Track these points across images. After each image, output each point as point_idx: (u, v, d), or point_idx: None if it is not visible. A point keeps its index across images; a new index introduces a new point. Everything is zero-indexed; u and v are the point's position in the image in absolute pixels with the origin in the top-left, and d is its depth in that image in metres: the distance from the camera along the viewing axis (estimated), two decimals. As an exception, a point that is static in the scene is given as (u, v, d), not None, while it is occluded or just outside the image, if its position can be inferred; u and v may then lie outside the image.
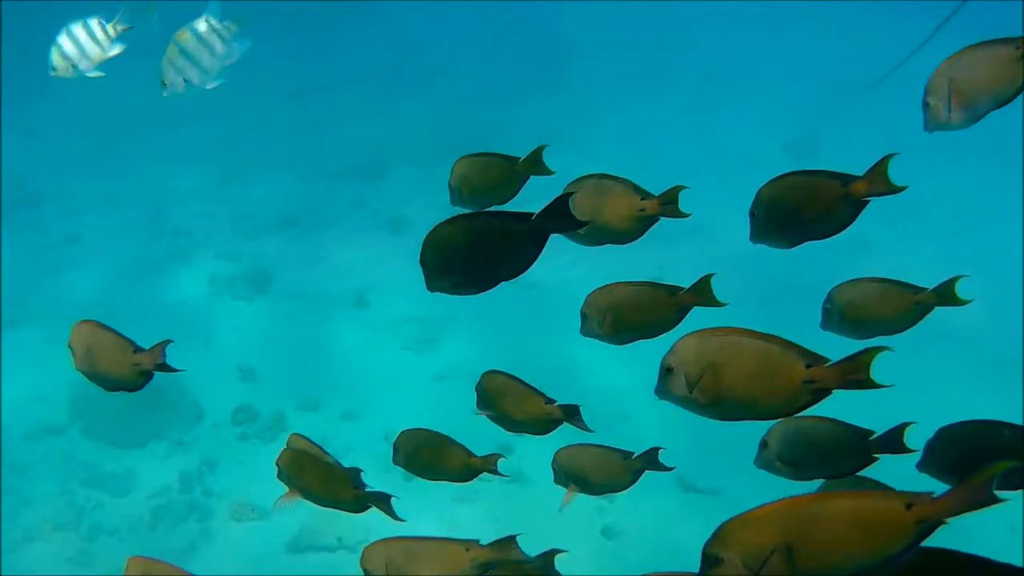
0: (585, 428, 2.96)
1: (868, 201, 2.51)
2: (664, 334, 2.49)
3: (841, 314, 2.85)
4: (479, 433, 3.22)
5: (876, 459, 2.60)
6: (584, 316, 2.73)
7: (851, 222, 2.54)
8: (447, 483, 3.14)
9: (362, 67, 14.36)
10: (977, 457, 2.38)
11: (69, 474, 7.05)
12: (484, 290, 2.51)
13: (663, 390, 2.25)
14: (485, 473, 3.04)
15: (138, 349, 2.81)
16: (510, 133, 12.07)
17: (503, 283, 2.49)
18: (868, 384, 2.14)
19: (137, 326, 8.60)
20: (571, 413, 2.95)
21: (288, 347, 8.26)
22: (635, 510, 6.35)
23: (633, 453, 2.96)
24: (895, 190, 2.47)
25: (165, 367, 2.82)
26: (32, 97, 12.77)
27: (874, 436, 2.61)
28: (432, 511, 6.38)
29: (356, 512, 3.01)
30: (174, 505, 6.75)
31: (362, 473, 3.01)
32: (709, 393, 2.19)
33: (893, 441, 2.59)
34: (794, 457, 2.66)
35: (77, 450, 7.22)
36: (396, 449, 3.09)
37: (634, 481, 2.98)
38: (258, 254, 9.58)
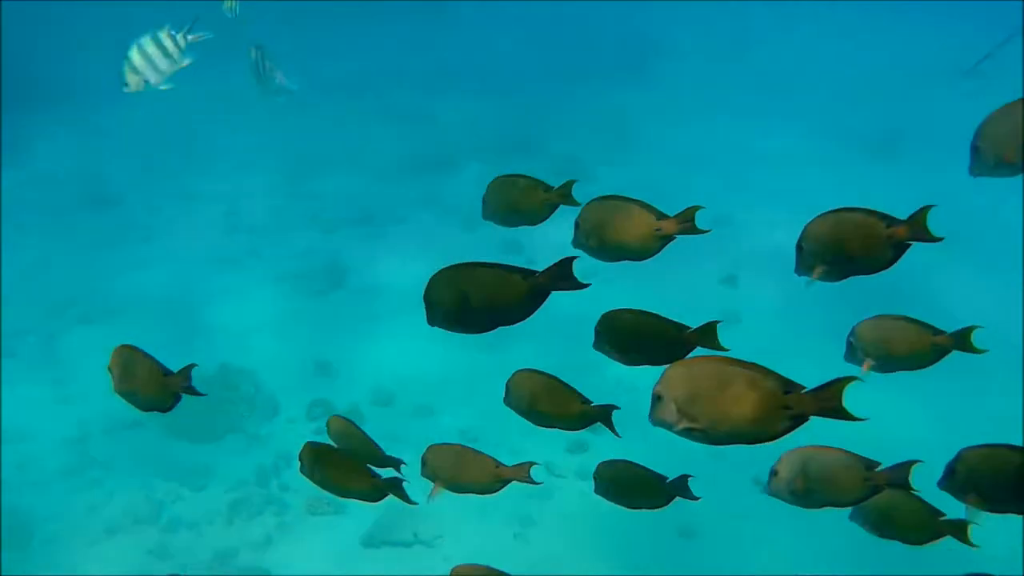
0: (614, 432, 3.04)
1: (910, 244, 2.56)
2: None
3: (864, 349, 2.95)
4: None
5: (882, 490, 2.70)
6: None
7: (894, 262, 2.60)
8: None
9: (436, 63, 14.39)
10: (996, 479, 2.63)
11: (149, 468, 7.16)
12: (482, 332, 2.65)
13: (654, 416, 2.36)
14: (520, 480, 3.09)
15: (168, 372, 2.92)
16: (578, 130, 12.06)
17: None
18: (841, 413, 2.26)
19: (211, 322, 8.73)
20: (606, 415, 3.00)
21: (362, 342, 8.30)
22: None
23: (666, 478, 3.09)
24: (933, 239, 2.53)
25: (191, 390, 2.93)
26: (109, 96, 12.97)
27: (880, 468, 2.70)
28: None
29: (373, 501, 3.14)
30: (251, 499, 6.82)
31: (402, 465, 3.20)
32: (696, 420, 2.32)
33: (899, 478, 2.69)
34: (803, 486, 2.75)
35: (156, 444, 7.32)
36: (424, 463, 3.13)
37: (667, 503, 3.12)
38: (332, 249, 9.63)
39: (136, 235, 10.39)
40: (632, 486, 3.16)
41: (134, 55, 4.68)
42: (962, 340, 2.86)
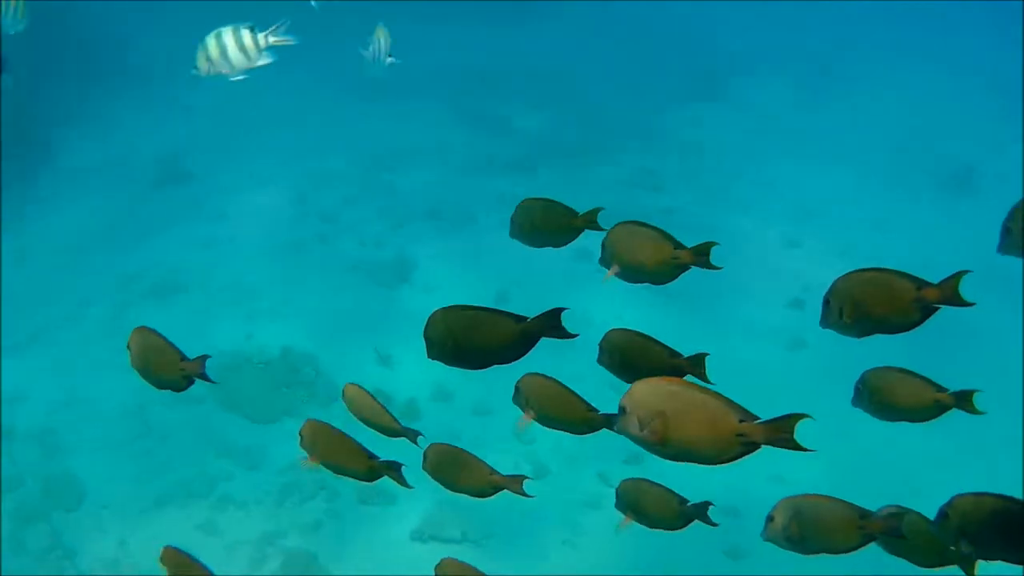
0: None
1: (938, 308, 2.62)
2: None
3: (870, 396, 3.02)
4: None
5: (875, 538, 2.79)
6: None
7: (920, 323, 2.67)
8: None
9: (516, 64, 14.36)
10: (989, 526, 2.65)
11: (204, 444, 7.18)
12: (477, 369, 2.90)
13: (618, 426, 2.53)
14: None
15: (184, 358, 3.12)
16: (653, 138, 11.97)
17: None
18: (792, 445, 2.39)
19: (276, 305, 8.74)
20: (611, 422, 3.05)
21: (425, 338, 8.26)
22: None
23: (688, 501, 3.19)
24: (964, 304, 2.58)
25: (204, 377, 3.14)
26: (190, 77, 13.10)
27: (873, 516, 2.78)
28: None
29: (368, 481, 3.23)
30: (303, 483, 6.80)
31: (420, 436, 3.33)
32: (656, 434, 2.46)
33: (892, 527, 2.77)
34: (797, 533, 2.81)
35: (214, 421, 7.34)
36: (425, 457, 3.26)
37: (685, 525, 3.24)
38: (400, 243, 9.61)
39: (208, 214, 10.45)
40: (651, 505, 3.27)
41: (211, 43, 4.67)
42: (963, 400, 2.89)
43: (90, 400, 7.58)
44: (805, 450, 2.38)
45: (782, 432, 2.37)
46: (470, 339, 2.84)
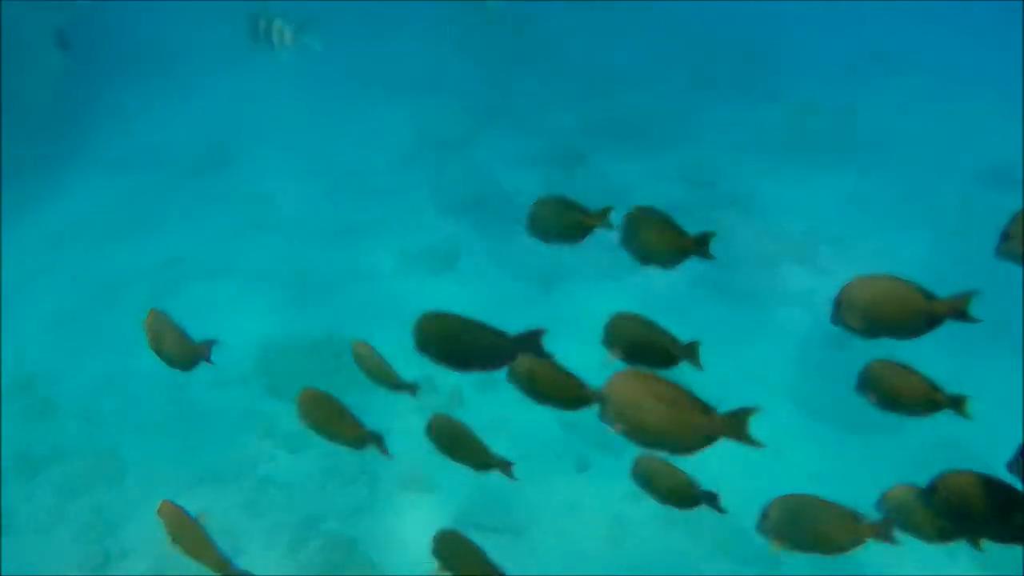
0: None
1: (944, 321, 2.78)
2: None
3: (871, 387, 3.04)
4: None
5: (865, 542, 2.90)
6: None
7: (926, 333, 2.82)
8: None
9: (564, 59, 14.27)
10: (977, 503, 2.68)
11: (248, 425, 7.18)
12: (461, 372, 3.21)
13: (600, 415, 2.79)
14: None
15: (190, 341, 3.55)
16: (700, 136, 11.84)
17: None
18: (745, 439, 2.65)
19: (322, 289, 8.71)
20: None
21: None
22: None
23: (698, 485, 3.34)
24: (972, 320, 2.74)
25: (208, 360, 3.57)
26: (234, 63, 13.13)
27: (865, 521, 2.89)
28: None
29: (356, 448, 3.62)
30: (345, 467, 6.79)
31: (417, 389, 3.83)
32: (627, 423, 2.73)
33: (884, 532, 2.88)
34: (790, 531, 2.96)
35: (258, 403, 7.34)
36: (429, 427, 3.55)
37: (693, 506, 3.38)
38: (451, 232, 9.55)
39: (257, 198, 10.45)
40: (664, 483, 3.39)
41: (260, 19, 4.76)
42: (957, 404, 2.91)
43: (133, 378, 7.62)
44: (756, 445, 2.61)
45: (737, 426, 2.61)
46: (458, 346, 3.15)
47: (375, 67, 13.06)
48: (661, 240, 3.15)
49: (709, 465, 3.55)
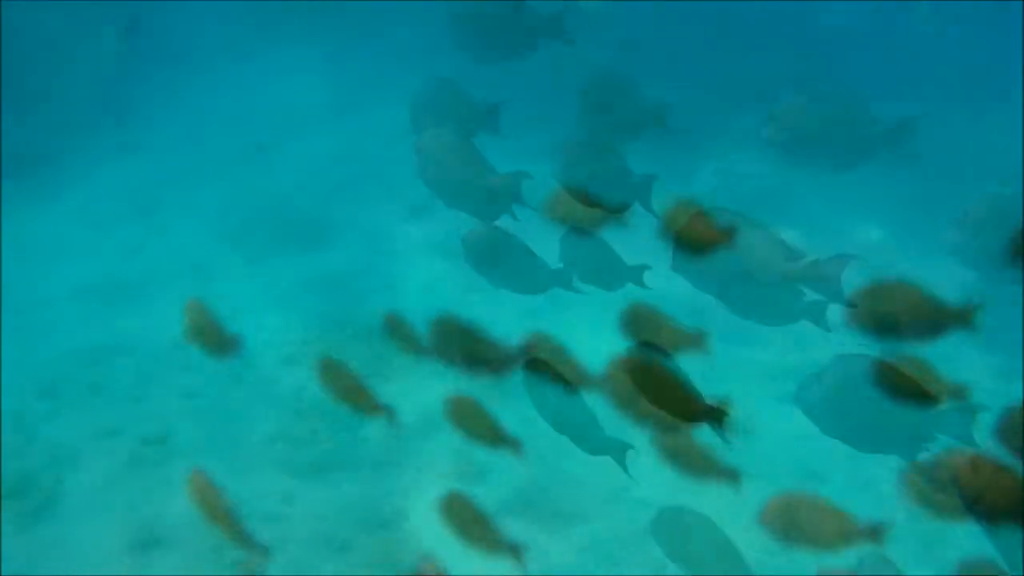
0: None
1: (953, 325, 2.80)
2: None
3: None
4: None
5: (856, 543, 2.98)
6: None
7: (938, 338, 2.83)
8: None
9: (595, 53, 14.15)
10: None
11: (294, 407, 7.20)
12: (460, 374, 3.49)
13: None
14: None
15: (224, 333, 3.85)
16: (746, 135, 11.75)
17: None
18: (721, 431, 2.81)
19: (380, 276, 8.67)
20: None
21: (523, 321, 8.18)
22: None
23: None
24: (975, 330, 2.78)
25: (237, 351, 3.92)
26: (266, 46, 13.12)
27: (859, 528, 2.95)
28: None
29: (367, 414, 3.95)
30: (395, 453, 6.78)
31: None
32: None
33: (876, 535, 2.92)
34: (784, 529, 3.04)
35: (309, 386, 7.36)
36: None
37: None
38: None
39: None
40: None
41: None
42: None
43: (184, 354, 7.62)
44: (726, 441, 2.78)
45: (717, 417, 2.75)
46: (458, 348, 3.49)
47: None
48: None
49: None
